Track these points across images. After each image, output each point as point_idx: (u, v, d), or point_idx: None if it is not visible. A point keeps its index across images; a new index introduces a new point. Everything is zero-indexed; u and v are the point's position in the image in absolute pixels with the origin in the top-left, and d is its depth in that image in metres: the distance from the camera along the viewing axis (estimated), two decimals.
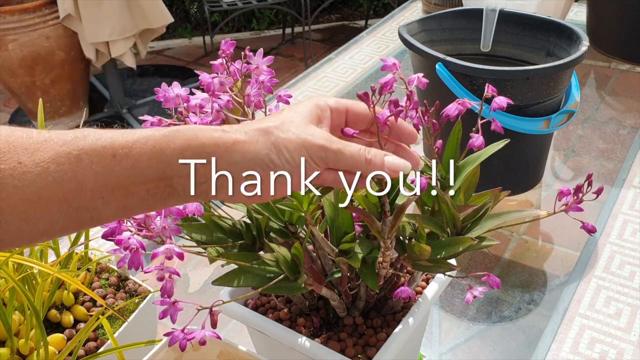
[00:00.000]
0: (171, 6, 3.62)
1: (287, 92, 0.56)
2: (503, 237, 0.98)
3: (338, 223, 0.53)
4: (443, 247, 0.53)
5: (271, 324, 0.60)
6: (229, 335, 0.82)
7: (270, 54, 3.49)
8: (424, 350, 0.79)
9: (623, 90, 1.41)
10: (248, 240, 0.55)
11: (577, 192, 0.51)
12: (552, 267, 0.92)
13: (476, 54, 1.09)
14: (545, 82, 0.90)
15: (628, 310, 0.82)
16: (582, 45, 0.92)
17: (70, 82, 2.60)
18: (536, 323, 0.82)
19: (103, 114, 2.85)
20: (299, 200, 0.49)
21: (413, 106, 0.50)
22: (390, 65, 0.49)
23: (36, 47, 2.41)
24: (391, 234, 0.51)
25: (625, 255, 0.91)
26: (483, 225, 0.55)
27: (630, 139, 1.21)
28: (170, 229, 0.46)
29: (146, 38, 2.58)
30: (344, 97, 1.40)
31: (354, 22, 3.93)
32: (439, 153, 0.54)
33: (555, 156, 1.18)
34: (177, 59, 3.52)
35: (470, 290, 0.53)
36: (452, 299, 0.87)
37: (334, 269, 0.56)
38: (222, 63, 0.50)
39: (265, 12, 3.83)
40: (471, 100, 0.52)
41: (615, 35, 1.53)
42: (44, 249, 0.70)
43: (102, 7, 2.33)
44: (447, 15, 1.08)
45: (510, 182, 1.02)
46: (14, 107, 2.97)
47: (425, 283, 0.65)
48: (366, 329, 0.61)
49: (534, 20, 1.04)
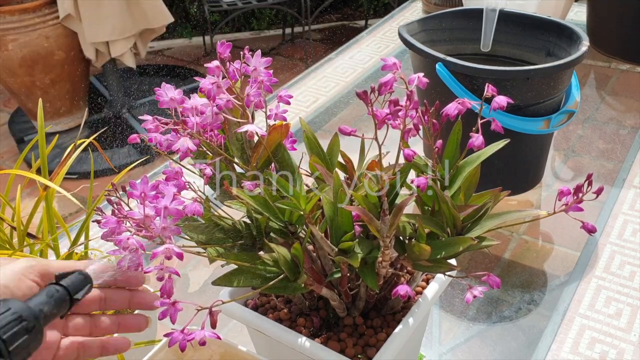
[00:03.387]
0: (171, 6, 3.62)
1: (287, 92, 0.56)
2: (503, 237, 0.98)
3: (337, 222, 0.53)
4: (443, 247, 0.53)
5: (271, 324, 0.60)
6: (229, 335, 0.82)
7: (270, 54, 3.50)
8: (424, 350, 0.79)
9: (623, 90, 1.41)
10: (248, 240, 0.55)
11: (577, 192, 0.51)
12: (552, 267, 0.92)
13: (476, 54, 1.09)
14: (545, 82, 0.90)
15: (628, 310, 0.82)
16: (582, 45, 0.92)
17: (70, 82, 2.60)
18: (536, 323, 0.82)
19: (103, 114, 2.85)
20: (297, 199, 0.49)
21: (413, 106, 0.50)
22: (390, 65, 0.49)
23: (36, 47, 2.41)
24: (390, 232, 0.51)
25: (626, 255, 0.91)
26: (483, 225, 0.55)
27: (630, 139, 1.21)
28: (169, 230, 0.46)
29: (146, 38, 2.58)
30: (343, 97, 1.40)
31: (354, 22, 3.93)
32: (439, 153, 0.54)
33: (555, 156, 1.18)
34: (177, 59, 3.52)
35: (470, 290, 0.53)
36: (452, 299, 0.87)
37: (334, 269, 0.56)
38: (218, 65, 0.50)
39: (265, 12, 3.83)
40: (471, 100, 0.52)
41: (615, 35, 1.53)
42: (44, 248, 0.70)
43: (102, 7, 2.33)
44: (447, 15, 1.08)
45: (510, 182, 1.02)
46: (14, 107, 2.97)
47: (425, 283, 0.65)
48: (366, 329, 0.61)
49: (534, 20, 1.04)
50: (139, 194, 0.45)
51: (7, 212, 0.75)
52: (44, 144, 0.73)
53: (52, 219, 0.72)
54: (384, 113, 0.50)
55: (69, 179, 2.31)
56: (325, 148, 0.59)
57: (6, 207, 0.74)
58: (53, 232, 0.72)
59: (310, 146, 0.58)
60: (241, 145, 0.56)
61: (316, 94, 1.41)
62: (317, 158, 0.56)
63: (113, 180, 0.57)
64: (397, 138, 0.52)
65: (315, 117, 1.33)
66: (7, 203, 0.73)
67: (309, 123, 1.25)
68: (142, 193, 0.45)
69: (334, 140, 0.59)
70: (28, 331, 0.32)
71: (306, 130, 0.58)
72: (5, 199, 0.72)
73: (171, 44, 3.70)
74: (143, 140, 0.53)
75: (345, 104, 1.37)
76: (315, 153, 0.58)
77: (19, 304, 0.33)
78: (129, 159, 2.53)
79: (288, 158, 0.57)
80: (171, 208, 0.46)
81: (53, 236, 0.72)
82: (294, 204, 0.49)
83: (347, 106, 1.37)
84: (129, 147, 2.61)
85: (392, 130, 0.51)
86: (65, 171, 0.73)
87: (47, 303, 0.34)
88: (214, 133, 0.53)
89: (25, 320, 0.32)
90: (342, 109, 1.36)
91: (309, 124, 1.07)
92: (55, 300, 0.35)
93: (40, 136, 0.73)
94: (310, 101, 1.39)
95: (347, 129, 0.51)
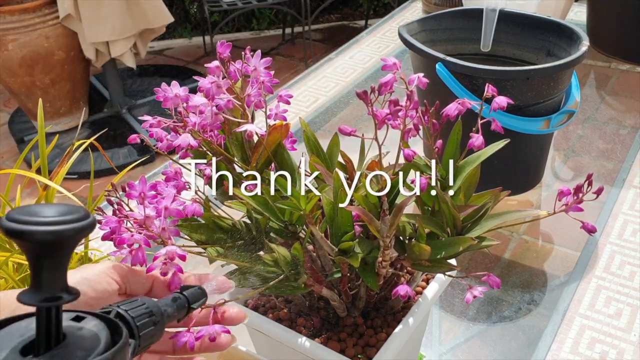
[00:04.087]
0: (171, 6, 3.62)
1: (287, 92, 0.56)
2: (503, 237, 0.98)
3: (337, 222, 0.53)
4: (443, 247, 0.53)
5: (271, 324, 0.60)
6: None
7: (270, 54, 3.50)
8: (424, 350, 0.79)
9: (623, 90, 1.41)
10: (248, 240, 0.55)
11: (577, 192, 0.51)
12: (552, 267, 0.92)
13: (476, 54, 1.09)
14: (545, 82, 0.90)
15: (628, 310, 0.82)
16: (582, 45, 0.92)
17: (70, 82, 2.60)
18: (536, 323, 0.82)
19: (103, 114, 2.85)
20: (297, 199, 0.49)
21: (413, 106, 0.50)
22: (390, 65, 0.49)
23: (36, 47, 2.41)
24: (390, 232, 0.51)
25: (626, 255, 0.91)
26: (483, 225, 0.55)
27: (630, 139, 1.21)
28: (169, 230, 0.46)
29: (146, 38, 2.58)
30: (343, 97, 1.40)
31: (354, 22, 3.93)
32: (439, 153, 0.54)
33: (555, 156, 1.18)
34: (177, 59, 3.52)
35: (470, 290, 0.53)
36: (452, 299, 0.87)
37: (334, 269, 0.56)
38: (218, 65, 0.50)
39: (265, 12, 3.83)
40: (471, 100, 0.52)
41: (615, 35, 1.53)
42: None
43: (102, 7, 2.33)
44: (447, 15, 1.08)
45: (510, 182, 1.02)
46: (14, 107, 2.97)
47: (425, 283, 0.65)
48: (366, 329, 0.61)
49: (534, 20, 1.04)
50: (137, 195, 0.45)
51: None
52: (44, 144, 0.73)
53: None
54: (384, 113, 0.50)
55: (69, 179, 2.31)
56: (325, 148, 0.59)
57: (6, 207, 0.74)
58: None
59: (310, 146, 0.58)
60: (241, 145, 0.57)
61: (316, 94, 1.42)
62: (317, 158, 0.56)
63: (113, 180, 0.57)
64: (397, 138, 0.52)
65: (315, 117, 1.33)
66: (7, 203, 0.73)
67: (309, 123, 1.25)
68: (141, 193, 0.45)
69: (334, 140, 0.59)
70: (154, 324, 0.38)
71: (306, 130, 0.58)
72: (5, 199, 0.72)
73: (171, 44, 3.70)
74: (143, 140, 0.53)
75: (345, 104, 1.37)
76: (315, 153, 0.58)
77: (151, 301, 0.39)
78: (129, 159, 2.53)
79: (288, 158, 0.57)
80: (172, 208, 0.46)
81: None
82: (294, 204, 0.49)
83: (347, 106, 1.37)
84: (129, 147, 2.61)
85: (392, 130, 0.51)
86: (66, 171, 0.73)
87: (171, 306, 0.40)
88: (214, 133, 0.53)
89: (154, 315, 0.38)
90: (342, 109, 1.36)
91: (309, 124, 1.07)
92: (177, 305, 0.41)
93: (40, 136, 0.73)
94: (310, 101, 1.39)
95: (347, 129, 0.51)
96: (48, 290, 0.30)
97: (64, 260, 0.30)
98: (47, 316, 0.30)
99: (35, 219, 0.28)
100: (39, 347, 0.29)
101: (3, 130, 2.86)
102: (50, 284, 0.30)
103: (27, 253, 0.30)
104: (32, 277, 0.30)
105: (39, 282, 0.30)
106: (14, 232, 0.28)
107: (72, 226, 0.29)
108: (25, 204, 0.31)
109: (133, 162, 1.13)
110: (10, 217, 0.28)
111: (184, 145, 0.50)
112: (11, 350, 0.29)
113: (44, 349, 0.29)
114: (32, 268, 0.30)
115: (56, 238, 0.29)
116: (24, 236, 0.28)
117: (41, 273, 0.30)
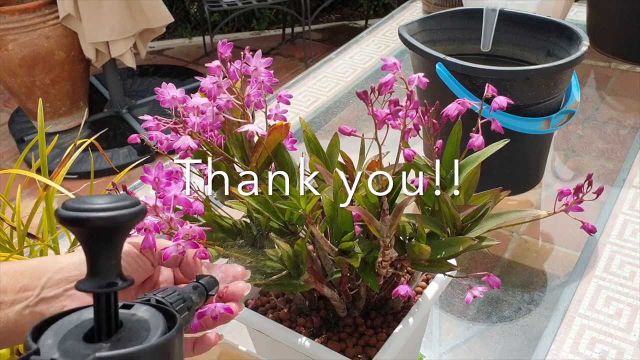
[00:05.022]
0: (171, 6, 3.62)
1: (287, 92, 0.56)
2: (503, 237, 0.98)
3: (337, 222, 0.53)
4: (443, 247, 0.53)
5: (271, 324, 0.60)
6: (229, 335, 0.82)
7: (270, 54, 3.50)
8: (424, 350, 0.79)
9: (623, 90, 1.41)
10: (248, 239, 0.55)
11: (577, 192, 0.51)
12: (552, 267, 0.92)
13: (476, 54, 1.09)
14: (545, 82, 0.90)
15: (628, 310, 0.82)
16: (582, 45, 0.92)
17: (70, 82, 2.60)
18: (536, 323, 0.82)
19: (103, 114, 2.85)
20: (297, 198, 0.49)
21: (413, 106, 0.50)
22: (390, 65, 0.49)
23: (36, 47, 2.41)
24: (390, 232, 0.51)
25: (625, 255, 0.91)
26: (483, 225, 0.55)
27: (630, 139, 1.21)
28: (176, 221, 0.46)
29: (146, 38, 2.58)
30: (343, 97, 1.40)
31: (354, 22, 3.93)
32: (439, 153, 0.54)
33: (555, 156, 1.18)
34: (177, 59, 3.52)
35: (470, 290, 0.53)
36: (452, 299, 0.87)
37: (334, 269, 0.56)
38: (219, 65, 0.50)
39: (265, 12, 3.83)
40: (471, 100, 0.52)
41: (615, 35, 1.53)
42: (44, 248, 0.70)
43: (102, 7, 2.33)
44: (447, 15, 1.08)
45: (510, 182, 1.02)
46: (14, 107, 2.97)
47: (425, 283, 0.65)
48: (366, 329, 0.61)
49: (534, 20, 1.04)
50: (152, 179, 0.46)
51: (7, 212, 0.75)
52: (44, 144, 0.73)
53: (52, 219, 0.72)
54: (384, 113, 0.50)
55: (69, 179, 2.32)
56: (325, 148, 0.59)
57: (6, 207, 0.74)
58: (53, 232, 0.72)
59: (310, 146, 0.58)
60: (241, 145, 0.57)
61: (316, 94, 1.42)
62: (317, 158, 0.56)
63: (113, 179, 0.57)
64: (397, 138, 0.52)
65: (315, 117, 1.33)
66: (7, 203, 0.73)
67: (309, 123, 1.25)
68: (155, 178, 0.46)
69: (334, 140, 0.59)
70: (188, 309, 0.40)
71: (306, 130, 0.58)
72: (5, 199, 0.72)
73: (171, 44, 3.69)
74: (143, 140, 0.53)
75: (345, 104, 1.37)
76: (315, 153, 0.58)
77: (181, 289, 0.41)
78: (129, 159, 2.53)
79: (288, 158, 0.57)
80: (180, 197, 0.46)
81: (53, 236, 0.72)
82: (294, 204, 0.49)
83: (347, 106, 1.37)
84: (129, 147, 2.61)
85: (392, 130, 0.51)
86: (66, 171, 0.73)
87: (194, 293, 0.42)
88: (214, 133, 0.53)
89: (187, 301, 0.40)
90: (342, 109, 1.36)
91: (309, 124, 1.07)
92: (198, 292, 0.43)
93: (40, 136, 0.73)
94: (310, 101, 1.39)
95: (347, 129, 0.51)
96: (105, 277, 0.31)
97: (118, 247, 0.31)
98: (106, 302, 0.30)
99: (91, 206, 0.29)
100: (99, 334, 0.30)
101: (3, 130, 2.86)
102: (107, 270, 0.31)
103: (83, 241, 0.30)
104: (89, 265, 0.31)
105: (96, 270, 0.31)
106: (72, 219, 0.29)
107: (126, 211, 0.30)
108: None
109: (133, 162, 1.13)
110: (67, 205, 0.29)
111: (183, 148, 0.50)
112: (74, 338, 0.29)
113: (105, 335, 0.30)
114: (88, 256, 0.31)
115: (112, 224, 0.30)
116: (82, 223, 0.29)
117: (97, 260, 0.31)
